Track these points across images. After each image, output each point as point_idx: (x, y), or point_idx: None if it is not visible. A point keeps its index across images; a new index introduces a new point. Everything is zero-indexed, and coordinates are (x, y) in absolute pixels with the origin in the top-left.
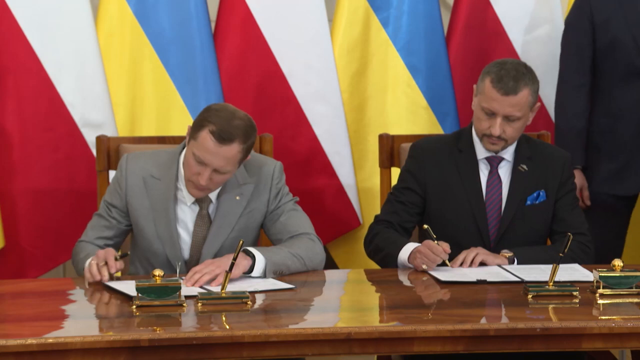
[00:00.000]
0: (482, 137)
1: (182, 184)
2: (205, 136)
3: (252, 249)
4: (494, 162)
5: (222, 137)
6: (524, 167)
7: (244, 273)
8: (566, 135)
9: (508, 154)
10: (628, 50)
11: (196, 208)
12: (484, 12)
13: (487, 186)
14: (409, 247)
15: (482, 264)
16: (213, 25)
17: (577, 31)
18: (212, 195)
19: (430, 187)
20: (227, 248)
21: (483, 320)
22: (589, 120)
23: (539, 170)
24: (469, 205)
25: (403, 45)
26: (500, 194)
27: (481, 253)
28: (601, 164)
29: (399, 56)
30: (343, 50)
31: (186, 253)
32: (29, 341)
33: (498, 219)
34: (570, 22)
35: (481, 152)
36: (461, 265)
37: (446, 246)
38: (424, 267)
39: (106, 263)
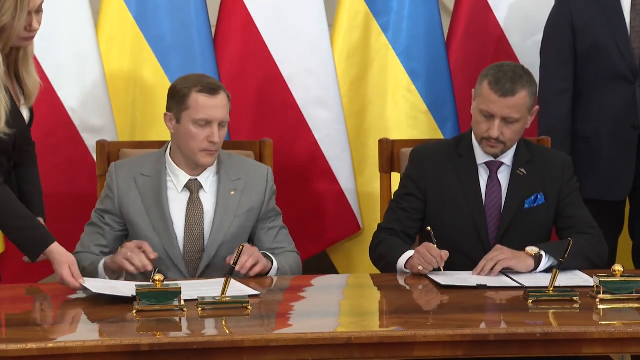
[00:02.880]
0: (481, 140)
1: (172, 176)
2: (197, 97)
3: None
4: (494, 167)
5: (212, 89)
6: (523, 171)
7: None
8: (550, 142)
9: (507, 158)
10: (610, 54)
11: (187, 194)
12: (484, 16)
13: (487, 191)
14: (407, 254)
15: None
16: (213, 29)
17: (558, 36)
18: (203, 180)
19: (431, 192)
20: (228, 243)
21: (483, 325)
22: (573, 126)
23: (538, 174)
24: (468, 209)
25: (403, 50)
26: (500, 198)
27: (503, 260)
28: (586, 170)
29: (399, 61)
30: (343, 55)
31: (181, 242)
32: (30, 346)
33: (497, 224)
34: (550, 27)
35: (481, 157)
36: (479, 273)
37: (444, 253)
38: (420, 268)
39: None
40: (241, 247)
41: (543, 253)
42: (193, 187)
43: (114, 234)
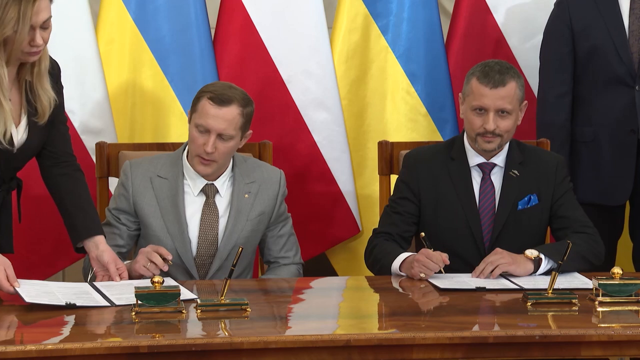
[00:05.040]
0: (476, 137)
1: (188, 180)
2: (205, 103)
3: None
4: (487, 168)
5: (221, 100)
6: (515, 172)
7: None
8: (549, 145)
9: (500, 159)
10: (609, 58)
11: (203, 198)
12: (484, 19)
13: (480, 193)
14: (401, 257)
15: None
16: (213, 32)
17: (557, 40)
18: (219, 185)
19: (424, 196)
20: (240, 245)
21: (482, 328)
22: (571, 130)
23: (530, 175)
24: (462, 212)
25: (402, 53)
26: (494, 200)
27: (503, 264)
28: (586, 174)
29: (398, 63)
30: (342, 57)
31: (194, 245)
32: (28, 347)
33: (492, 225)
34: (549, 32)
35: (473, 160)
36: (478, 275)
37: (445, 256)
38: (422, 275)
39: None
40: (240, 249)
41: (542, 256)
42: (209, 192)
43: (129, 233)
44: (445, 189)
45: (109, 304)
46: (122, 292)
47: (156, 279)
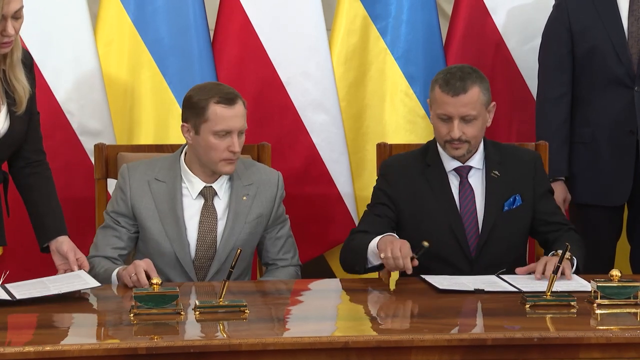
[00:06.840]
0: (445, 144)
1: (186, 182)
2: (215, 108)
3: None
4: (463, 172)
5: (230, 99)
6: (497, 173)
7: None
8: (548, 147)
9: (475, 161)
10: (608, 59)
11: (201, 201)
12: (483, 21)
13: (460, 197)
14: (379, 237)
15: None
16: (212, 33)
17: (556, 41)
18: (217, 187)
19: (403, 204)
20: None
21: (480, 330)
22: (570, 131)
23: (511, 174)
24: (445, 218)
25: (401, 54)
26: (474, 203)
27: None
28: (584, 175)
29: (397, 65)
30: (341, 59)
31: (193, 248)
32: (27, 349)
33: (476, 228)
34: (548, 33)
35: (449, 164)
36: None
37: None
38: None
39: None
40: (239, 251)
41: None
42: (207, 194)
43: (129, 235)
44: (425, 195)
45: (10, 298)
46: (30, 289)
47: (154, 280)
